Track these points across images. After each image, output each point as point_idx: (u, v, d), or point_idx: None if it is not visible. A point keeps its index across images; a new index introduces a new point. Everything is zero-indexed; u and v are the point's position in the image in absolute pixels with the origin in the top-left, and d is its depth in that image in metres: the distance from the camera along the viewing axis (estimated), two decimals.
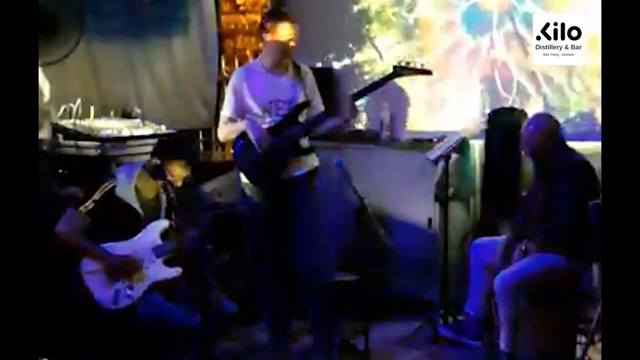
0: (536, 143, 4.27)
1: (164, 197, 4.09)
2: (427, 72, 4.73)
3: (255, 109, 4.59)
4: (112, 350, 3.89)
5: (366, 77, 6.11)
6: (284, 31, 4.44)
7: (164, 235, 4.03)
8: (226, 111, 4.65)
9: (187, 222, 3.90)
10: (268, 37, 4.49)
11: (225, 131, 4.66)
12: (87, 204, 3.90)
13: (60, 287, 3.96)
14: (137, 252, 3.94)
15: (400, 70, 4.64)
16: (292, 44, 4.47)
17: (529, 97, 5.51)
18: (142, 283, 3.92)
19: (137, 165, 4.06)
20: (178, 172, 3.99)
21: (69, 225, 3.90)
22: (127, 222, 3.97)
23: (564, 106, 5.43)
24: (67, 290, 3.93)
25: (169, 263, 3.99)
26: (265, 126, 4.56)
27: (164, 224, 4.04)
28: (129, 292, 3.88)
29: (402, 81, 5.48)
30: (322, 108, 4.68)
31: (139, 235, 3.99)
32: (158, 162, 3.98)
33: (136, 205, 3.97)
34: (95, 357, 3.95)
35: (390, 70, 4.68)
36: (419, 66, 4.59)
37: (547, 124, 4.31)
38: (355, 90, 4.70)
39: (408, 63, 4.66)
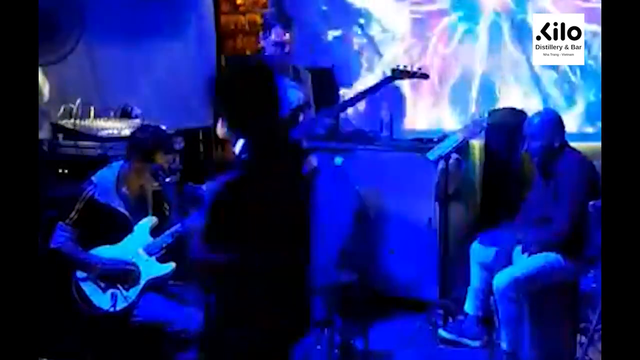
0: (540, 136, 4.27)
1: (149, 194, 4.08)
2: (424, 76, 4.79)
3: None
4: (112, 350, 3.89)
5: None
6: (279, 35, 4.48)
7: (154, 231, 4.02)
8: None
9: (180, 212, 3.89)
10: (267, 38, 4.52)
11: (226, 129, 4.68)
12: (72, 215, 3.90)
13: (59, 288, 3.96)
14: (128, 254, 3.93)
15: (398, 74, 4.70)
16: (286, 48, 4.51)
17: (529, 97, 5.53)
18: (138, 284, 3.91)
19: (116, 167, 4.04)
20: (161, 160, 3.96)
21: (63, 239, 3.90)
22: (115, 225, 3.96)
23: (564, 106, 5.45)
24: (66, 292, 3.93)
25: (162, 260, 3.98)
26: None
27: (152, 220, 4.04)
28: (125, 293, 3.88)
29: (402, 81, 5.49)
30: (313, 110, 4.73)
31: (129, 236, 3.98)
32: (140, 157, 3.95)
33: (121, 207, 3.96)
34: (95, 357, 3.95)
35: (389, 73, 4.73)
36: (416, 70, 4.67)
37: (552, 118, 4.32)
38: (353, 94, 4.75)
39: (405, 67, 4.71)
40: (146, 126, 4.28)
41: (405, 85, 5.78)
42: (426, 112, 5.94)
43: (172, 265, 3.96)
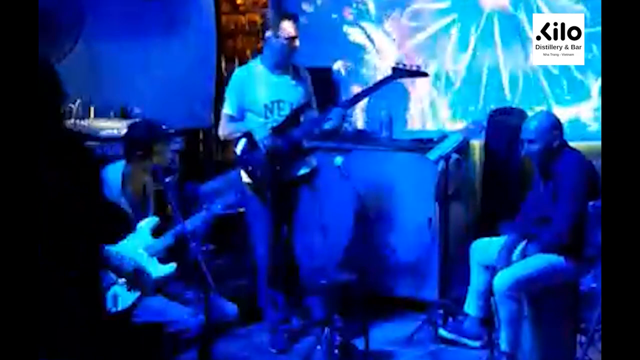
0: (538, 139, 4.27)
1: (151, 194, 4.07)
2: (424, 74, 4.79)
3: (258, 108, 4.60)
4: (112, 350, 3.88)
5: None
6: (290, 29, 4.45)
7: (156, 232, 4.01)
8: (227, 110, 4.67)
9: (180, 212, 3.88)
10: (274, 35, 4.49)
11: (228, 130, 4.67)
12: None
13: (59, 288, 3.95)
14: (129, 254, 3.92)
15: (399, 72, 4.69)
16: (296, 42, 4.49)
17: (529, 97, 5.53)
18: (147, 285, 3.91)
19: (120, 166, 4.03)
20: (159, 154, 3.96)
21: None
22: (116, 224, 3.95)
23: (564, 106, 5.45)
24: (66, 292, 3.92)
25: (163, 261, 3.97)
26: (268, 126, 4.57)
27: (154, 221, 4.03)
28: (126, 293, 3.87)
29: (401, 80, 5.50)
30: (315, 109, 4.71)
31: (130, 235, 3.97)
32: (141, 153, 3.95)
33: (126, 206, 3.95)
34: (95, 357, 3.94)
35: (389, 72, 4.73)
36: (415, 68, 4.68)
37: (549, 120, 4.32)
38: (353, 95, 4.74)
39: (405, 65, 4.71)
40: (137, 122, 4.26)
41: (406, 85, 5.78)
42: (426, 113, 5.94)
43: (173, 266, 3.96)
